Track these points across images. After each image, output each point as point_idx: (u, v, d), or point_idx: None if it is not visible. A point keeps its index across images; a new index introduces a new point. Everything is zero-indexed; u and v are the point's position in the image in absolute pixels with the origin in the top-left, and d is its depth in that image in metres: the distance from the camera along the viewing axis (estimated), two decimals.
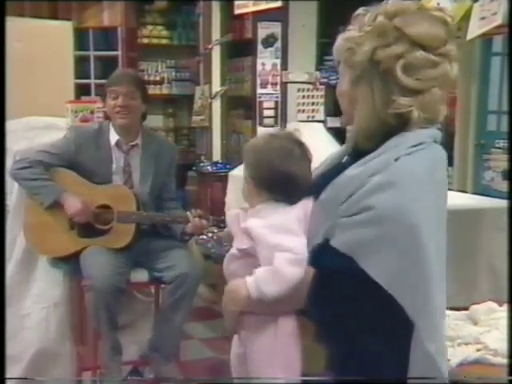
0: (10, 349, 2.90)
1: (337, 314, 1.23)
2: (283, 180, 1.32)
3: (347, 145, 1.43)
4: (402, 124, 1.27)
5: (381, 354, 1.22)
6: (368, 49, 1.25)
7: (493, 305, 2.09)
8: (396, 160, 1.23)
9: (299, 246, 1.25)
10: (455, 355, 1.80)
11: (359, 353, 1.21)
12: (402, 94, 1.24)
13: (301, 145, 1.37)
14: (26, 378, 2.82)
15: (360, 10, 1.31)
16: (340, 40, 1.31)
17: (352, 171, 1.27)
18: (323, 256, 1.25)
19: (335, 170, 1.36)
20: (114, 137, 2.79)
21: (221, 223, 2.69)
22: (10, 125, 3.33)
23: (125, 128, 2.78)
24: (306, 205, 1.32)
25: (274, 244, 1.26)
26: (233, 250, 1.36)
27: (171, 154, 2.97)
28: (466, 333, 1.95)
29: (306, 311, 1.26)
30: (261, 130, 5.07)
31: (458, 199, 2.99)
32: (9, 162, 2.96)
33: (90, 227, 2.72)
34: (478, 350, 1.85)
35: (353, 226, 1.21)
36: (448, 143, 4.37)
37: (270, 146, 1.36)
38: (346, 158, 1.41)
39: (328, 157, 1.48)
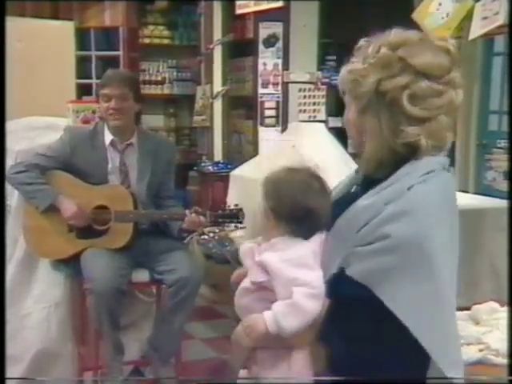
0: (11, 349, 2.90)
1: (352, 343, 1.22)
2: (303, 214, 1.31)
3: (356, 173, 1.43)
4: (411, 152, 1.28)
5: (397, 381, 1.22)
6: (373, 80, 1.26)
7: (495, 305, 2.09)
8: (409, 188, 1.24)
9: (316, 279, 1.25)
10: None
11: (374, 381, 1.22)
12: (409, 123, 1.25)
13: (320, 179, 1.37)
14: (26, 378, 2.82)
15: (362, 42, 1.32)
16: (344, 71, 1.31)
17: (365, 201, 1.27)
18: (339, 285, 1.24)
19: (345, 200, 1.36)
20: (108, 137, 2.79)
21: (218, 218, 2.68)
22: (11, 125, 3.33)
23: (119, 128, 2.78)
24: (320, 238, 1.32)
25: (292, 278, 1.25)
26: (245, 284, 1.34)
27: (169, 152, 2.97)
28: (468, 333, 1.95)
29: (322, 340, 1.26)
30: (262, 130, 5.08)
31: (459, 199, 2.98)
32: (10, 163, 2.96)
33: (88, 228, 2.71)
34: (481, 351, 1.85)
35: (368, 255, 1.21)
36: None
37: (291, 179, 1.36)
38: (355, 187, 1.41)
39: (336, 186, 1.48)
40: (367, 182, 1.34)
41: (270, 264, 1.27)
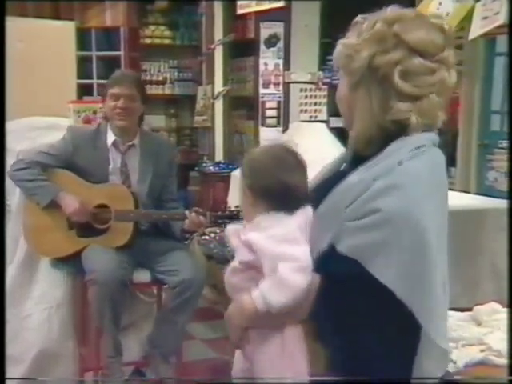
0: (13, 349, 2.90)
1: (344, 319, 1.22)
2: (280, 188, 1.31)
3: (346, 152, 1.43)
4: (400, 130, 1.27)
5: (388, 355, 1.22)
6: (366, 55, 1.26)
7: (496, 305, 2.09)
8: (399, 164, 1.24)
9: (303, 253, 1.24)
10: (460, 357, 1.79)
11: (366, 356, 1.21)
12: (399, 99, 1.25)
13: (295, 154, 1.37)
14: (26, 378, 2.82)
15: (358, 18, 1.32)
16: (339, 46, 1.31)
17: (354, 177, 1.27)
18: (330, 262, 1.24)
19: (335, 177, 1.36)
20: (111, 137, 2.80)
21: (218, 219, 2.68)
22: (13, 125, 3.33)
23: (123, 129, 2.79)
24: (305, 213, 1.32)
25: (277, 254, 1.25)
26: (234, 264, 1.34)
27: (171, 155, 2.97)
28: (469, 334, 1.94)
29: (313, 317, 1.25)
30: (263, 130, 5.07)
31: (461, 200, 2.98)
32: (11, 162, 2.96)
33: (88, 227, 2.72)
34: (482, 351, 1.85)
35: (359, 230, 1.21)
36: (451, 143, 4.37)
37: (265, 155, 1.36)
38: (344, 165, 1.41)
39: (326, 165, 1.49)
40: (356, 159, 1.33)
41: (255, 242, 1.27)
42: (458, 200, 2.93)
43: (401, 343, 1.24)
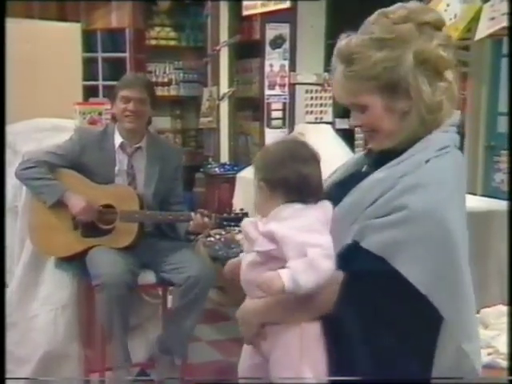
0: (19, 350, 2.91)
1: (370, 316, 1.21)
2: (296, 178, 1.31)
3: (366, 156, 1.42)
4: (432, 122, 1.29)
5: (411, 353, 1.22)
6: (410, 56, 1.25)
7: (503, 308, 2.07)
8: (426, 162, 1.25)
9: (327, 242, 1.24)
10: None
11: (389, 353, 1.21)
12: (439, 80, 1.28)
13: (308, 146, 1.37)
14: (26, 378, 2.82)
15: (344, 41, 1.32)
16: (368, 66, 1.26)
17: (379, 174, 1.27)
18: (354, 258, 1.23)
19: (356, 178, 1.35)
20: (118, 139, 2.81)
21: (223, 221, 2.67)
22: (19, 126, 3.35)
23: (131, 131, 2.80)
24: (325, 207, 1.31)
25: (302, 241, 1.23)
26: (251, 258, 1.32)
27: (177, 158, 2.98)
28: None
29: (337, 313, 1.24)
30: (269, 132, 5.06)
31: (467, 201, 2.96)
32: (17, 164, 2.97)
33: (93, 227, 2.72)
34: (490, 354, 1.84)
35: (385, 227, 1.20)
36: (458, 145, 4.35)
37: (279, 148, 1.37)
38: (366, 167, 1.40)
39: (344, 164, 1.48)
40: (381, 159, 1.32)
41: (278, 232, 1.25)
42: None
43: (425, 341, 1.24)
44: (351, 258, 1.23)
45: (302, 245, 1.23)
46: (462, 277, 1.21)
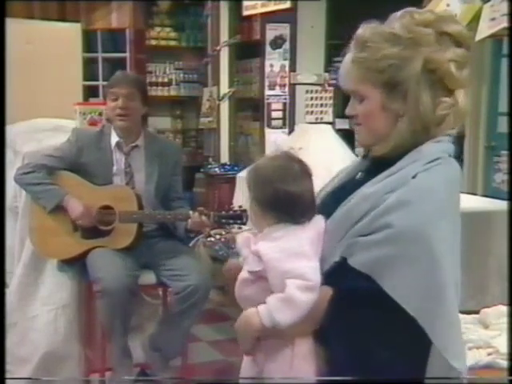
0: (19, 350, 2.91)
1: (356, 333, 1.21)
2: (286, 199, 1.30)
3: (363, 160, 1.41)
4: (428, 136, 1.28)
5: (399, 370, 1.21)
6: (420, 60, 1.24)
7: (503, 308, 2.07)
8: (413, 177, 1.23)
9: (311, 270, 1.23)
10: (468, 359, 1.78)
11: (377, 369, 1.21)
12: (446, 95, 1.27)
13: (299, 162, 1.35)
14: (27, 378, 2.82)
15: (365, 29, 1.29)
16: (376, 57, 1.26)
17: (367, 189, 1.26)
18: (341, 275, 1.23)
19: (350, 186, 1.35)
20: (114, 139, 2.81)
21: (222, 219, 2.68)
22: (19, 127, 3.35)
23: (125, 130, 2.79)
24: (317, 224, 1.30)
25: (285, 270, 1.23)
26: (244, 274, 1.33)
27: (175, 154, 2.98)
28: (476, 336, 1.93)
29: (324, 330, 1.24)
30: (269, 132, 5.07)
31: (468, 202, 2.96)
32: (18, 164, 2.97)
33: (93, 229, 2.72)
34: (490, 354, 1.84)
35: (371, 245, 1.20)
36: (458, 145, 4.35)
37: (269, 166, 1.35)
38: (360, 174, 1.39)
39: (339, 172, 1.47)
40: (374, 167, 1.32)
41: (265, 255, 1.26)
42: (465, 202, 2.90)
43: (412, 358, 1.23)
44: (339, 274, 1.24)
45: (284, 273, 1.23)
46: (447, 295, 1.21)
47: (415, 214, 1.19)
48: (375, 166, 1.31)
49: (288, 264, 1.24)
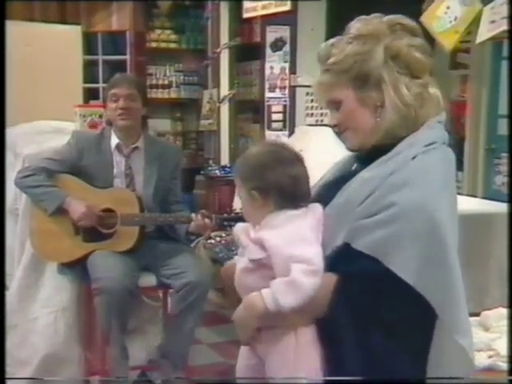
0: (19, 353, 2.91)
1: (365, 316, 1.21)
2: (287, 181, 1.31)
3: (354, 155, 1.43)
4: (419, 121, 1.30)
5: (409, 351, 1.22)
6: (381, 50, 1.29)
7: (504, 311, 2.07)
8: (413, 158, 1.25)
9: (315, 256, 1.23)
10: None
11: (384, 352, 1.21)
12: (416, 76, 1.32)
13: (289, 147, 1.38)
14: (26, 378, 2.82)
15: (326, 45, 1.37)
16: (337, 60, 1.32)
17: (367, 173, 1.28)
18: (346, 260, 1.23)
19: (346, 177, 1.36)
20: (114, 141, 2.82)
21: (224, 221, 2.67)
22: (20, 129, 3.35)
23: (126, 130, 2.80)
24: (316, 211, 1.31)
25: (289, 255, 1.23)
26: (244, 264, 1.32)
27: (175, 157, 2.98)
28: (477, 339, 1.92)
29: (331, 316, 1.24)
30: (269, 134, 5.07)
31: (468, 204, 2.96)
32: (18, 166, 2.97)
33: (94, 232, 2.72)
34: (490, 357, 1.84)
35: (375, 226, 1.21)
36: (458, 148, 4.35)
37: (263, 152, 1.36)
38: (355, 165, 1.40)
39: (334, 165, 1.49)
40: (369, 158, 1.33)
41: (268, 241, 1.25)
42: (466, 204, 2.91)
43: (421, 338, 1.24)
44: (343, 259, 1.24)
45: (288, 258, 1.23)
46: (454, 271, 1.22)
47: (418, 193, 1.21)
48: (371, 156, 1.32)
49: (291, 249, 1.23)
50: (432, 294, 1.19)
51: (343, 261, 1.24)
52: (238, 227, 1.39)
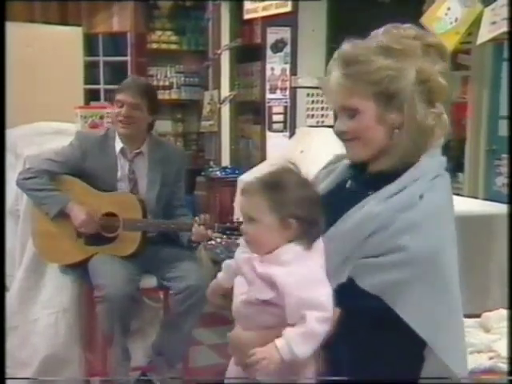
0: (20, 354, 2.91)
1: (364, 354, 1.21)
2: (319, 219, 1.26)
3: (350, 168, 1.39)
4: (424, 148, 1.29)
5: (401, 374, 1.22)
6: (413, 71, 1.25)
7: (504, 312, 2.07)
8: (421, 197, 1.23)
9: (327, 299, 1.20)
10: (469, 363, 1.77)
11: (380, 375, 1.20)
12: (430, 107, 1.28)
13: (303, 175, 1.32)
14: (26, 378, 2.81)
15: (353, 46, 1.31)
16: (371, 70, 1.25)
17: (373, 208, 1.24)
18: (351, 297, 1.22)
19: (341, 195, 1.33)
20: (118, 144, 2.78)
21: (226, 230, 2.66)
22: (20, 130, 3.35)
23: (127, 137, 2.76)
24: (319, 247, 1.27)
25: (302, 298, 1.20)
26: (247, 297, 1.27)
27: (180, 161, 2.95)
28: (478, 340, 1.93)
29: (332, 350, 1.23)
30: (270, 136, 5.07)
31: (469, 205, 2.96)
32: (19, 167, 2.97)
33: (96, 235, 2.71)
34: (491, 358, 1.83)
35: (383, 268, 1.19)
36: (459, 149, 4.35)
37: (302, 181, 1.30)
38: (350, 182, 1.37)
39: (324, 173, 1.44)
40: (370, 180, 1.30)
41: (278, 280, 1.21)
42: (466, 206, 2.91)
43: (414, 364, 1.25)
44: (347, 296, 1.22)
45: (301, 301, 1.20)
46: (458, 319, 1.23)
47: (429, 237, 1.20)
48: (372, 180, 1.30)
49: (305, 292, 1.20)
50: (435, 340, 1.19)
51: (346, 297, 1.22)
52: (241, 257, 1.31)
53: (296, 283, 1.21)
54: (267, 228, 1.26)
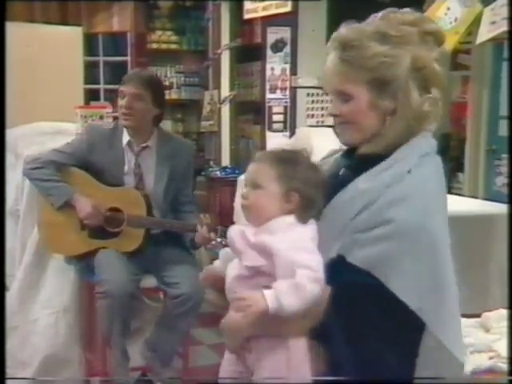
0: (20, 354, 2.91)
1: (356, 330, 1.20)
2: (320, 198, 1.29)
3: (343, 157, 1.41)
4: (417, 127, 1.29)
5: (400, 367, 1.21)
6: (408, 58, 1.25)
7: (504, 312, 2.07)
8: (409, 171, 1.24)
9: (317, 263, 1.22)
10: (468, 363, 1.77)
11: (376, 365, 1.20)
12: (426, 92, 1.28)
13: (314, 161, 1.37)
14: (26, 378, 2.81)
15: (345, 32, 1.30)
16: (366, 55, 1.25)
17: (362, 184, 1.25)
18: (340, 273, 1.22)
19: (333, 182, 1.34)
20: (125, 137, 2.75)
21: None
22: (20, 130, 3.36)
23: (130, 129, 2.73)
24: (315, 225, 1.29)
25: (293, 261, 1.21)
26: (239, 271, 1.28)
27: (188, 156, 2.90)
28: (478, 340, 1.93)
29: (324, 327, 1.23)
30: (270, 135, 5.07)
31: (469, 205, 2.97)
32: (19, 167, 2.97)
33: (100, 229, 2.70)
34: (491, 358, 1.83)
35: (371, 241, 1.20)
36: (459, 149, 4.35)
37: (301, 157, 1.34)
38: (343, 170, 1.38)
39: (322, 163, 1.46)
40: (361, 164, 1.31)
41: (271, 246, 1.23)
42: (466, 205, 2.91)
43: (413, 354, 1.23)
44: (337, 272, 1.22)
45: (292, 263, 1.21)
46: (450, 289, 1.22)
47: (416, 209, 1.20)
48: (362, 162, 1.30)
49: (296, 255, 1.22)
50: (426, 312, 1.18)
51: (337, 273, 1.22)
52: (234, 230, 1.32)
53: (288, 248, 1.22)
54: (270, 196, 1.29)
